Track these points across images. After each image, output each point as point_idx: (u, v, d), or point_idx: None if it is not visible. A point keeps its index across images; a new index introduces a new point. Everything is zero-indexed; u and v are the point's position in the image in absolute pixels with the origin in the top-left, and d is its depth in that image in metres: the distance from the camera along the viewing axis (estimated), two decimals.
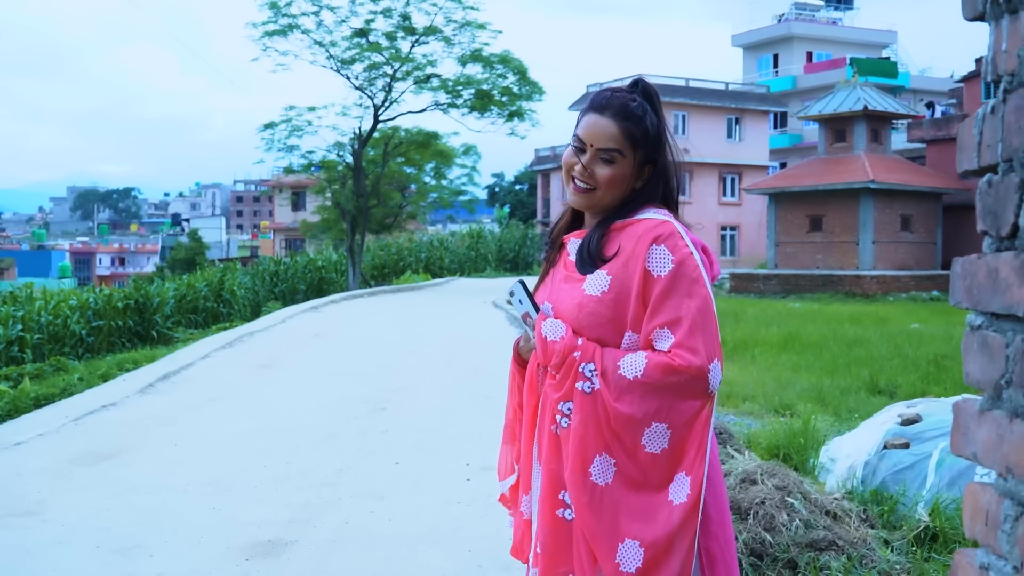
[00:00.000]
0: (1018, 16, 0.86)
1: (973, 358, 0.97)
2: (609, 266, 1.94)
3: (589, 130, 1.98)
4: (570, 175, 2.02)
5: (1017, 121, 0.86)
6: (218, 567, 4.13)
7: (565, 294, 2.00)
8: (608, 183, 1.96)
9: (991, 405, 0.93)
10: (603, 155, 1.96)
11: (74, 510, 5.08)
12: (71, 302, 21.22)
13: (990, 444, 0.91)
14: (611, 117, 1.96)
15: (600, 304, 1.92)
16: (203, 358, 11.47)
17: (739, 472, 4.63)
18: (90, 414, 7.92)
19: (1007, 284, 0.87)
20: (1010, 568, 0.86)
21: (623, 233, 1.96)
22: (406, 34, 28.49)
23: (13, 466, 6.12)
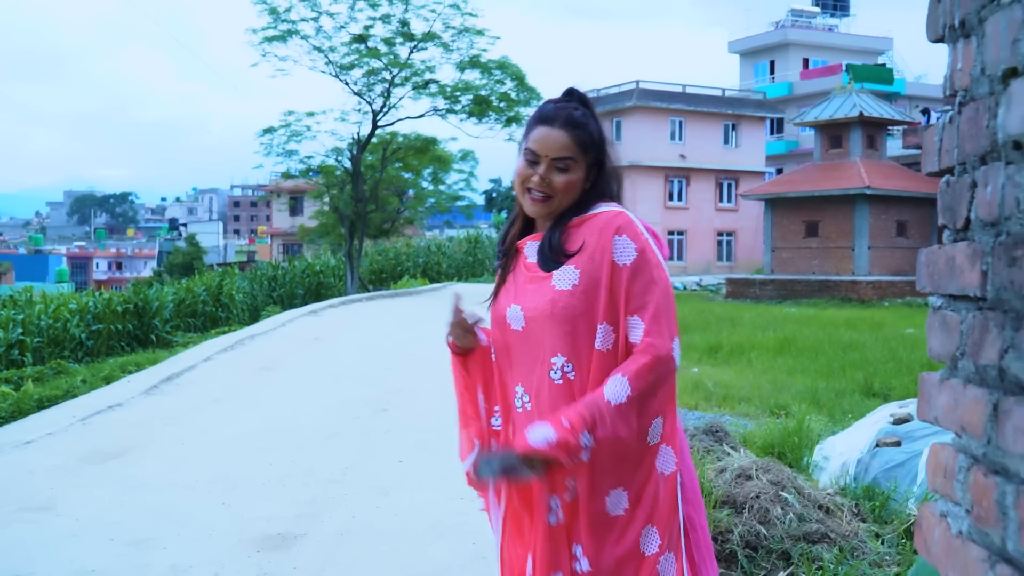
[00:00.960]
0: (970, 40, 1.01)
1: (935, 334, 1.12)
2: (576, 260, 2.01)
3: (542, 142, 2.04)
4: (526, 186, 2.07)
5: (969, 130, 1.01)
6: (230, 558, 4.27)
7: (533, 294, 2.05)
8: (565, 189, 2.04)
9: (949, 375, 1.07)
10: (558, 164, 2.03)
11: (86, 505, 5.21)
12: (71, 306, 21.28)
13: (948, 408, 1.05)
14: (561, 127, 2.04)
15: (572, 297, 1.98)
16: (205, 360, 11.60)
17: (735, 468, 4.77)
18: (97, 414, 8.05)
19: (961, 269, 1.01)
20: (963, 512, 1.00)
21: (582, 228, 2.04)
22: (405, 40, 28.65)
23: (24, 464, 6.25)
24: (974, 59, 1.00)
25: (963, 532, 1.00)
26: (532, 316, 2.04)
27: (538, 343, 2.04)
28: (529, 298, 2.06)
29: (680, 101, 44.98)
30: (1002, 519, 0.90)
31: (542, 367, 2.03)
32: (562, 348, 2.00)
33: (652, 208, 43.65)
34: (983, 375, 0.97)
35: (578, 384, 2.00)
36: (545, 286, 2.03)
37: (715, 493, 4.43)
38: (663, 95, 44.73)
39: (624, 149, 44.43)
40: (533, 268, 2.08)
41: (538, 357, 2.04)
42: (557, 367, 2.01)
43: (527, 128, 2.11)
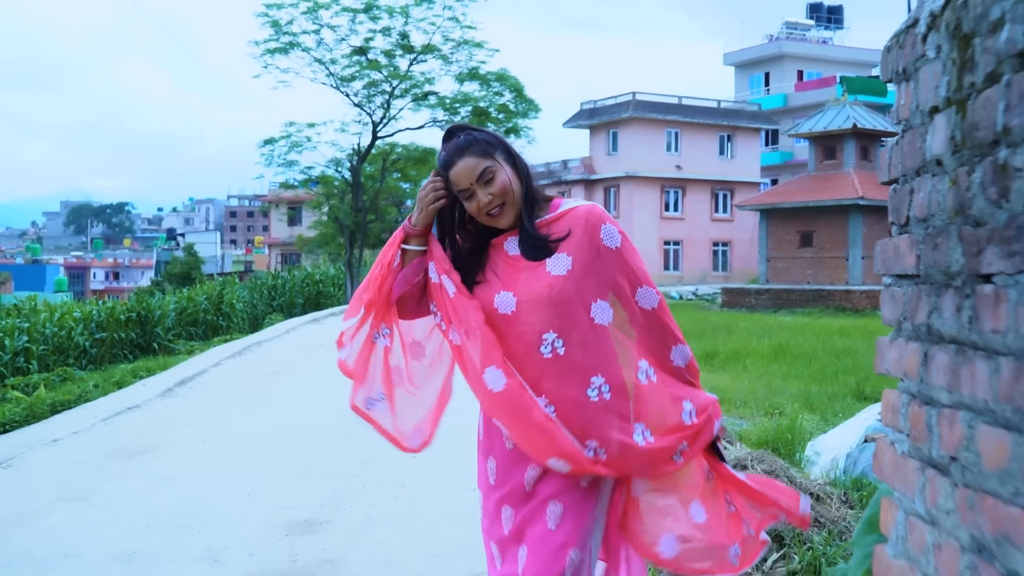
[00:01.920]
0: (909, 83, 1.34)
1: (886, 306, 1.46)
2: (566, 248, 2.21)
3: (460, 176, 2.23)
4: (484, 214, 2.25)
5: (908, 151, 1.35)
6: (262, 541, 4.58)
7: (528, 281, 2.23)
8: (503, 192, 2.22)
9: (896, 335, 1.41)
10: (484, 178, 2.21)
11: (120, 496, 5.53)
12: (75, 314, 21.49)
13: (895, 360, 1.38)
14: (459, 158, 2.24)
15: (567, 281, 2.18)
16: (215, 365, 11.93)
17: (730, 459, 5.09)
18: (117, 415, 8.36)
19: (903, 254, 1.35)
20: (905, 437, 1.34)
21: (563, 219, 2.26)
22: (404, 52, 29.08)
23: (55, 459, 6.56)
24: (912, 98, 1.34)
25: (905, 452, 1.33)
26: (526, 300, 2.20)
27: (526, 324, 2.20)
28: (522, 285, 2.22)
29: (676, 113, 45.40)
30: (929, 436, 1.24)
31: (531, 344, 2.20)
32: (553, 326, 2.18)
33: (648, 218, 44.05)
34: (918, 332, 1.30)
35: (566, 358, 2.19)
36: (540, 273, 2.21)
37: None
38: (659, 107, 45.16)
39: (621, 160, 44.86)
40: (518, 260, 2.25)
41: (526, 336, 2.20)
42: (548, 343, 2.18)
43: (445, 184, 2.30)
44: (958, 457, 1.14)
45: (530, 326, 2.19)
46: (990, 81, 1.05)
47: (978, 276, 1.10)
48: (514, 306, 2.21)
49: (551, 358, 2.18)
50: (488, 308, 2.24)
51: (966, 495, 1.11)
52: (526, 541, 2.19)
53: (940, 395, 1.21)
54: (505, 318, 2.22)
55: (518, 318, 2.21)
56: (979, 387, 1.08)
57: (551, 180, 48.47)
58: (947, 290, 1.19)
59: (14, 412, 10.47)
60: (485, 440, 2.37)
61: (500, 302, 2.23)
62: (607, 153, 46.06)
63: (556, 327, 2.18)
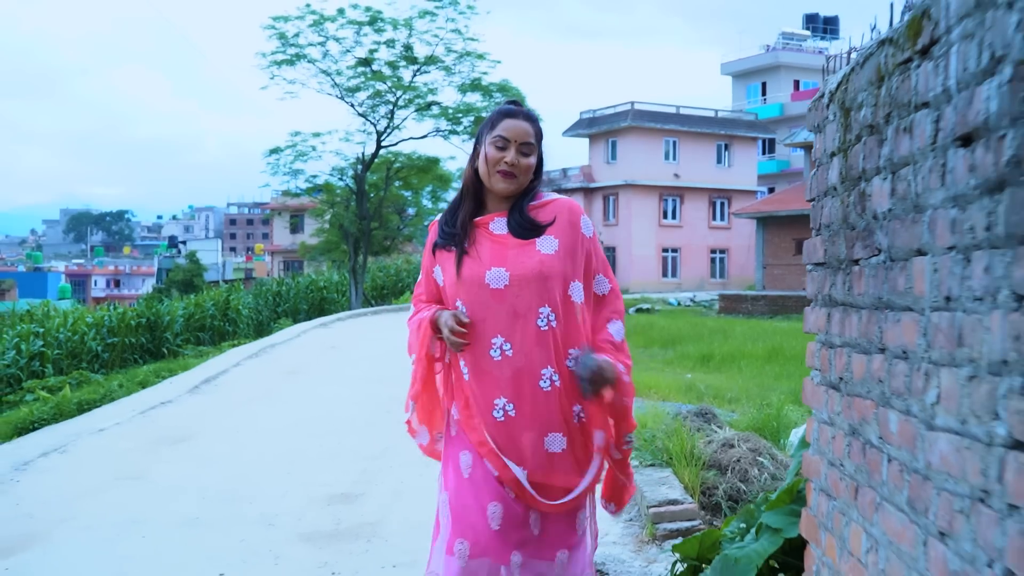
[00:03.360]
0: (820, 134, 2.00)
1: (808, 285, 2.11)
2: (553, 231, 2.43)
3: (512, 130, 2.43)
4: (496, 168, 2.42)
5: (819, 180, 2.00)
6: (308, 509, 5.22)
7: (519, 258, 2.40)
8: (526, 171, 2.45)
9: (813, 305, 2.06)
10: (523, 148, 2.43)
11: (172, 475, 6.17)
12: (87, 320, 22.05)
13: (813, 321, 2.03)
14: (524, 120, 2.47)
15: (555, 260, 2.39)
16: (235, 366, 12.56)
17: (720, 439, 5.74)
18: (152, 408, 9.00)
19: (817, 249, 2.00)
20: (818, 372, 1.99)
21: (548, 208, 2.48)
22: (408, 63, 29.76)
23: (105, 446, 7.20)
24: (821, 145, 2.00)
25: (817, 382, 1.98)
26: (519, 275, 2.38)
27: (520, 297, 2.38)
28: (513, 262, 2.39)
29: (674, 122, 46.05)
30: (829, 367, 1.88)
31: (527, 317, 2.37)
32: (547, 300, 2.37)
33: (647, 226, 44.70)
34: (824, 301, 1.95)
35: (559, 330, 2.39)
36: (530, 251, 2.40)
37: (703, 458, 5.40)
38: (657, 116, 45.82)
39: (620, 168, 45.53)
40: (506, 239, 2.43)
41: (520, 309, 2.38)
42: (544, 316, 2.37)
43: (491, 123, 2.49)
44: (843, 377, 1.78)
45: (523, 300, 2.36)
46: (856, 140, 1.69)
47: (852, 261, 1.74)
48: (507, 280, 2.37)
49: (547, 330, 2.37)
50: (479, 282, 2.40)
51: (846, 400, 1.75)
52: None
53: (835, 339, 1.86)
54: (496, 292, 2.38)
55: (511, 292, 2.37)
56: (852, 330, 1.72)
57: (551, 188, 49.04)
58: (838, 271, 1.83)
59: (42, 411, 11.09)
60: (457, 437, 2.49)
61: (492, 277, 2.38)
62: (606, 162, 46.72)
63: (548, 302, 2.37)
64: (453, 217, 2.51)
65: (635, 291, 39.43)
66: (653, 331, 18.57)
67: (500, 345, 2.37)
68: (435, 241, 2.54)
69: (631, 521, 4.90)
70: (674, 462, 5.36)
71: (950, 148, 1.27)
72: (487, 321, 2.39)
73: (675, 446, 5.47)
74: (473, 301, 2.41)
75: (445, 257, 2.49)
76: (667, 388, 9.89)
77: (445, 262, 2.49)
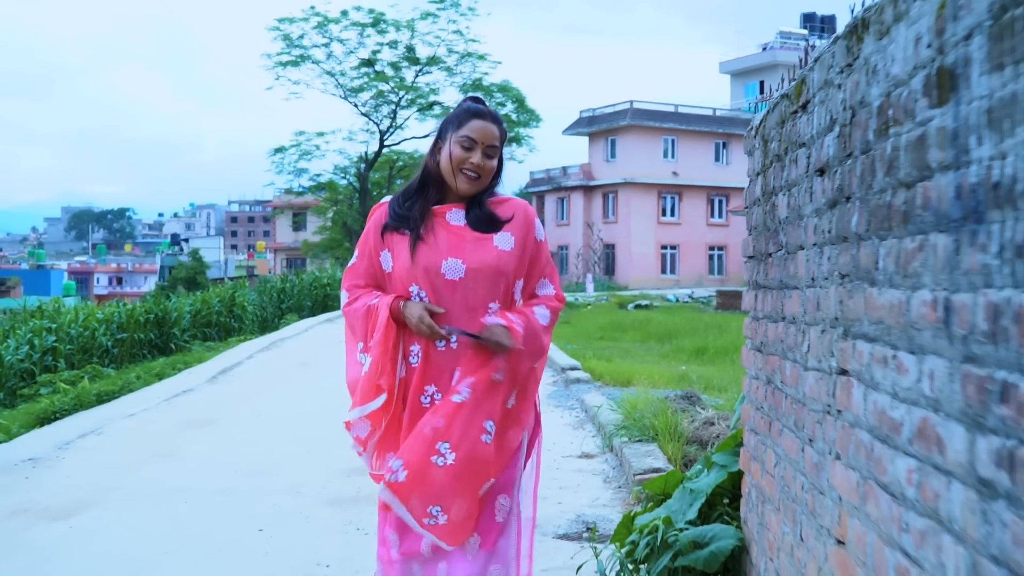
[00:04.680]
0: (753, 156, 2.59)
1: (744, 274, 2.70)
2: (511, 228, 2.45)
3: (480, 131, 2.42)
4: (461, 168, 2.42)
5: (752, 191, 2.60)
6: (331, 479, 5.82)
7: (476, 251, 2.41)
8: (490, 172, 2.45)
9: (747, 289, 2.66)
10: (488, 151, 2.43)
11: (203, 453, 6.76)
12: (98, 316, 22.58)
13: (747, 302, 2.63)
14: (491, 122, 2.46)
15: (511, 257, 2.42)
16: (248, 358, 13.18)
17: (702, 418, 6.33)
18: (176, 396, 9.60)
19: (749, 245, 2.60)
20: (750, 342, 2.59)
21: (505, 205, 2.49)
22: (410, 64, 30.37)
23: (136, 429, 7.80)
24: (752, 165, 2.59)
25: (749, 347, 2.58)
26: (475, 268, 2.39)
27: (473, 291, 2.39)
28: (470, 254, 2.40)
29: (673, 120, 46.61)
30: (755, 335, 2.49)
31: (476, 311, 2.40)
32: (497, 296, 2.41)
33: (646, 223, 45.28)
34: (753, 285, 2.55)
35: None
36: (488, 245, 2.42)
37: (686, 434, 5.99)
38: (656, 115, 46.39)
39: (619, 166, 46.12)
40: (463, 230, 2.43)
41: (471, 302, 2.40)
42: (493, 311, 2.40)
43: (457, 121, 2.46)
44: (763, 341, 2.38)
45: (475, 293, 2.39)
46: (770, 164, 2.29)
47: (768, 254, 2.33)
48: (463, 272, 2.38)
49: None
50: (434, 271, 2.40)
51: (764, 358, 2.35)
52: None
53: (759, 314, 2.45)
54: (452, 284, 2.39)
55: (465, 285, 2.39)
56: (767, 306, 2.32)
57: (551, 186, 49.73)
58: (760, 262, 2.43)
59: (63, 402, 11.65)
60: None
61: (448, 268, 2.39)
62: (605, 160, 47.29)
63: (498, 298, 2.41)
64: (408, 202, 2.49)
65: (634, 288, 40.03)
66: (650, 326, 19.16)
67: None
68: (385, 223, 2.50)
69: (620, 488, 5.49)
70: (659, 437, 5.95)
71: (814, 177, 1.86)
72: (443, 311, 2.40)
73: (660, 423, 6.06)
74: (430, 289, 2.40)
75: (396, 240, 2.47)
76: (660, 378, 10.43)
77: (396, 246, 2.46)
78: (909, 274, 1.32)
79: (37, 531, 4.86)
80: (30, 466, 6.46)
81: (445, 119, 2.49)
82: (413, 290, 2.39)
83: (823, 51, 1.79)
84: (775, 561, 2.20)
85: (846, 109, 1.62)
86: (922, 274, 1.27)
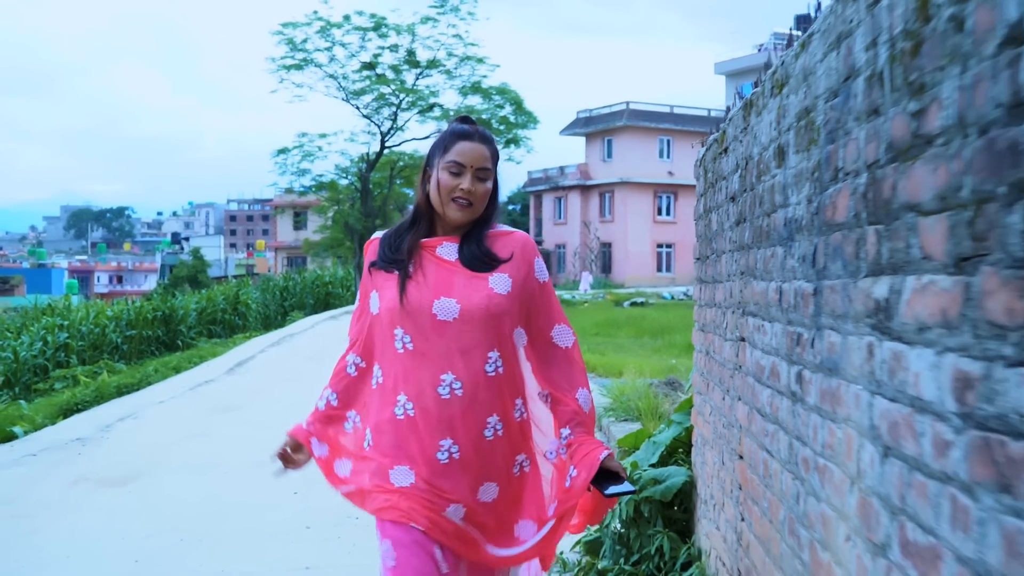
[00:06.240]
0: (698, 181, 3.34)
1: (695, 271, 3.45)
2: (507, 269, 2.19)
3: (467, 154, 2.17)
4: (451, 196, 2.17)
5: (696, 209, 3.35)
6: None
7: (467, 290, 2.15)
8: (483, 197, 2.19)
9: (696, 284, 3.41)
10: (479, 174, 2.18)
11: (232, 434, 7.50)
12: (108, 313, 23.27)
13: (695, 294, 3.38)
14: (480, 141, 2.20)
15: (506, 300, 2.15)
16: (261, 352, 13.93)
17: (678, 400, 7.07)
18: (199, 386, 10.35)
19: (697, 249, 3.35)
20: (697, 324, 3.35)
21: (502, 240, 2.24)
22: (411, 67, 31.10)
23: (169, 413, 8.55)
24: (698, 187, 3.34)
25: (696, 329, 3.33)
26: (468, 310, 2.13)
27: (469, 335, 2.13)
28: (461, 293, 2.15)
29: (668, 121, 47.29)
30: (702, 318, 3.23)
31: (476, 359, 2.13)
32: (496, 344, 2.15)
33: (642, 222, 46.00)
34: (698, 280, 3.30)
35: (505, 377, 2.17)
36: (482, 286, 2.16)
37: (666, 415, 6.73)
38: (652, 115, 47.08)
39: (615, 166, 46.85)
40: (455, 266, 2.18)
41: (469, 348, 2.13)
42: (492, 361, 2.14)
43: (443, 146, 2.21)
44: (704, 323, 3.13)
45: (469, 337, 2.14)
46: (708, 189, 3.04)
47: (707, 257, 3.09)
48: (456, 313, 2.14)
49: (494, 376, 2.16)
50: (425, 311, 2.15)
51: (705, 335, 3.10)
52: None
53: (701, 302, 3.20)
54: (445, 325, 2.14)
55: (456, 327, 2.14)
56: (706, 296, 3.07)
57: (549, 185, 50.48)
58: (703, 263, 3.18)
59: (84, 394, 12.38)
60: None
61: (440, 308, 2.14)
62: (602, 160, 47.99)
63: (497, 346, 2.16)
64: (398, 240, 2.26)
65: (630, 286, 40.76)
66: (644, 322, 19.88)
67: (450, 383, 2.13)
68: (373, 261, 2.28)
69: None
70: (643, 417, 6.70)
71: (728, 203, 2.61)
72: (430, 355, 2.14)
73: (644, 405, 6.81)
74: (417, 333, 2.15)
75: (384, 280, 2.23)
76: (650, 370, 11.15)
77: (384, 286, 2.23)
78: (768, 271, 2.07)
79: (100, 495, 5.62)
80: (79, 445, 7.21)
81: (432, 146, 2.27)
82: (398, 333, 2.16)
83: (734, 113, 2.54)
84: (709, 487, 2.95)
85: (742, 158, 2.37)
86: (772, 271, 2.02)
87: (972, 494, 1.00)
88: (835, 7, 1.54)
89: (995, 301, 0.95)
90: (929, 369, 1.11)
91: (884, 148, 1.29)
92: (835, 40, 1.53)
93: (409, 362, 2.14)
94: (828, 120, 1.57)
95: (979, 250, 0.99)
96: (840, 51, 1.50)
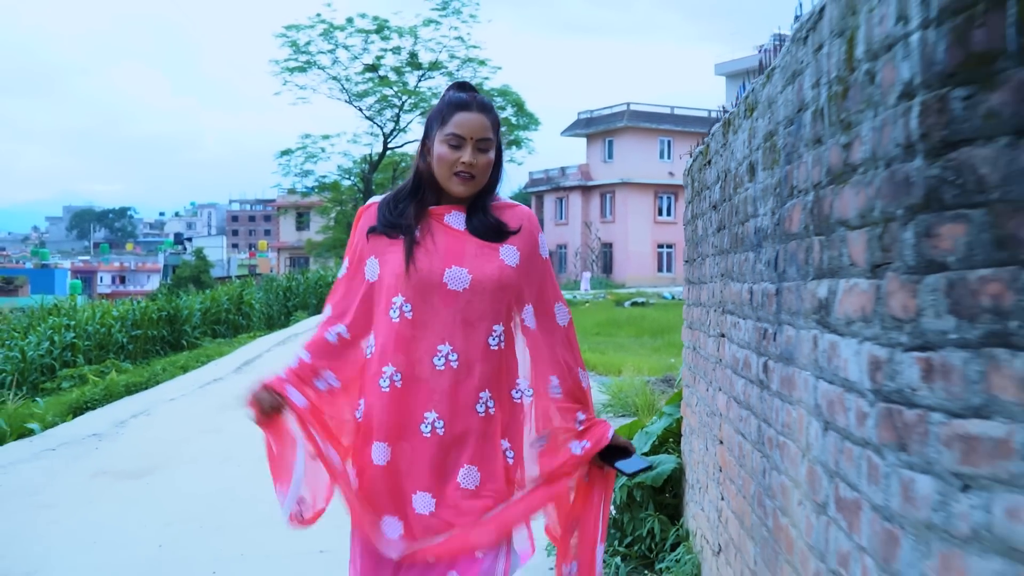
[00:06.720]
0: (686, 188, 3.59)
1: (684, 272, 3.70)
2: (516, 241, 2.13)
3: (466, 125, 2.08)
4: (453, 170, 2.09)
5: (685, 214, 3.60)
6: None
7: (478, 260, 2.10)
8: (485, 169, 2.11)
9: (685, 284, 3.66)
10: (480, 145, 2.09)
11: (243, 430, 7.65)
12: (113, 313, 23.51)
13: (684, 294, 3.63)
14: (479, 111, 2.10)
15: (515, 273, 2.11)
16: (267, 351, 14.19)
17: None
18: (207, 384, 10.61)
19: (686, 252, 3.60)
20: (686, 323, 3.60)
21: (509, 212, 2.18)
22: (413, 69, 31.37)
23: (181, 410, 8.80)
24: (686, 194, 3.59)
25: (685, 326, 3.58)
26: (479, 280, 2.08)
27: (476, 307, 2.08)
28: (473, 263, 2.09)
29: (668, 122, 47.51)
30: (690, 317, 3.48)
31: (481, 331, 2.09)
32: (501, 318, 2.11)
33: (643, 223, 46.24)
34: (687, 281, 3.55)
35: (505, 353, 2.13)
36: (493, 257, 2.10)
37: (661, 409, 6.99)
38: (652, 116, 47.30)
39: (616, 167, 47.09)
40: (465, 235, 2.12)
41: (474, 320, 2.08)
42: (497, 335, 2.10)
43: (441, 116, 2.13)
44: (691, 321, 3.38)
45: (476, 309, 2.09)
46: (694, 196, 3.29)
47: (694, 259, 3.34)
48: (468, 283, 2.09)
49: (496, 351, 2.11)
50: (435, 281, 2.09)
51: (692, 332, 3.35)
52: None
53: (689, 302, 3.45)
54: (453, 295, 2.08)
55: (465, 297, 2.08)
56: (693, 296, 3.32)
57: (550, 186, 50.73)
58: (691, 265, 3.43)
59: (93, 392, 12.63)
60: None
61: (451, 277, 2.09)
62: (603, 160, 48.22)
63: (502, 320, 2.12)
64: (401, 205, 2.17)
65: (631, 286, 41.01)
66: (644, 322, 20.13)
67: (446, 354, 2.07)
68: (372, 226, 2.18)
69: None
70: (640, 412, 6.95)
71: (711, 210, 2.86)
72: (430, 325, 2.07)
73: (641, 401, 7.06)
74: (420, 301, 2.09)
75: (386, 246, 2.15)
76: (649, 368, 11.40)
77: (387, 252, 2.14)
78: (742, 273, 2.32)
79: (120, 486, 5.87)
80: (96, 440, 7.47)
81: (430, 115, 2.17)
82: (396, 301, 2.09)
83: (716, 129, 2.80)
84: (696, 472, 3.21)
85: (722, 171, 2.62)
86: (745, 274, 2.28)
87: (881, 454, 1.25)
88: (791, 48, 1.79)
89: (895, 299, 1.20)
90: (853, 355, 1.37)
91: (825, 172, 1.54)
92: (791, 76, 1.79)
93: (405, 331, 2.07)
94: (786, 144, 1.82)
95: (886, 259, 1.24)
96: (795, 86, 1.75)
